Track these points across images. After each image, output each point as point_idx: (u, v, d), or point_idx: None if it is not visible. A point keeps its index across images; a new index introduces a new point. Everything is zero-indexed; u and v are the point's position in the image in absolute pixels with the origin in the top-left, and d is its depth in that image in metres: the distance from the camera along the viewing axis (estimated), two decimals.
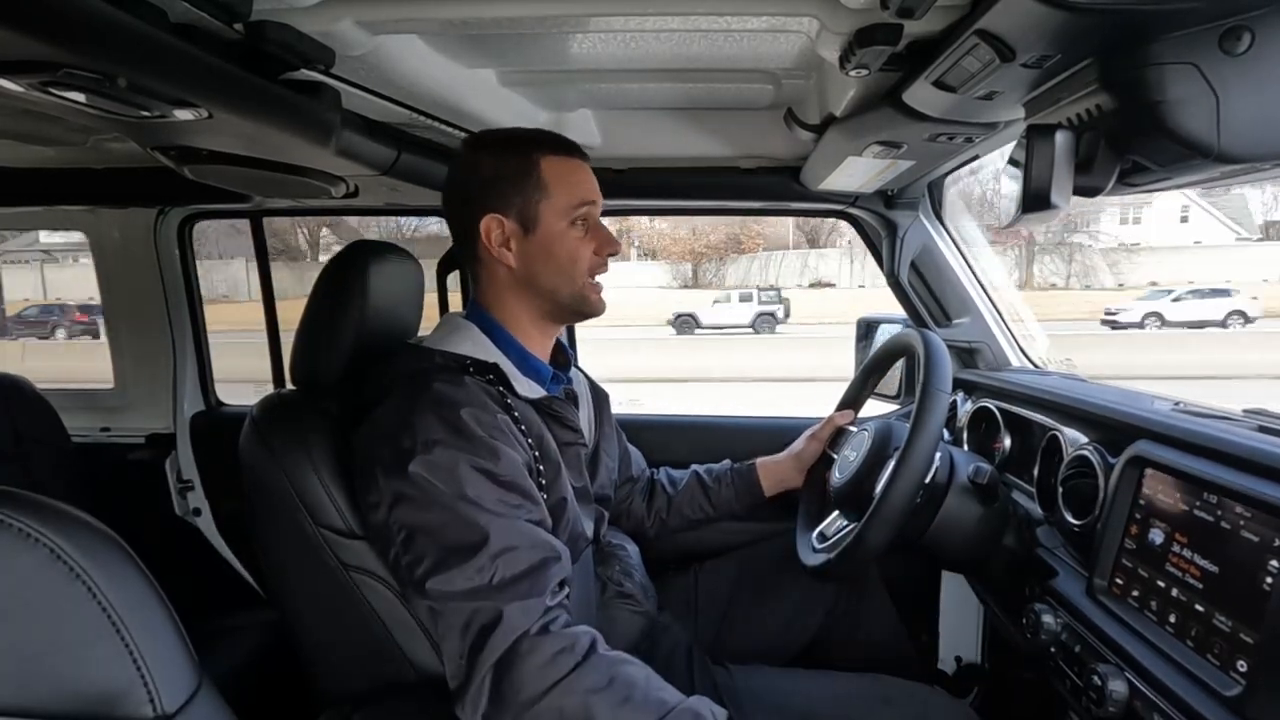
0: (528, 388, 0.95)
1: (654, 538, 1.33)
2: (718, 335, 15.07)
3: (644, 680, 0.75)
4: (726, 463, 1.38)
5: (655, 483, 1.35)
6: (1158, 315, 14.29)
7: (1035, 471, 1.12)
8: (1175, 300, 14.55)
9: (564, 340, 1.09)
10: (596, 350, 2.43)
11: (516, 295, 0.97)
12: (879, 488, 1.03)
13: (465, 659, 0.74)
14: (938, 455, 1.04)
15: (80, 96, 0.69)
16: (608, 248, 0.98)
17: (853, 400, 1.38)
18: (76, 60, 0.60)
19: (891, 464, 1.02)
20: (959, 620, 1.46)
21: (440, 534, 0.78)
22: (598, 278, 0.99)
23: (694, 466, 1.38)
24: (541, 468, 0.89)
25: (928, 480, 1.01)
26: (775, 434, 1.45)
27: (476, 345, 0.94)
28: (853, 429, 1.29)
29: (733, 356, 12.02)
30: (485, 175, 0.94)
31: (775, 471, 1.34)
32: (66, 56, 0.59)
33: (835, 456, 1.25)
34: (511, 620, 0.74)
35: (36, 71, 0.62)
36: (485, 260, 0.96)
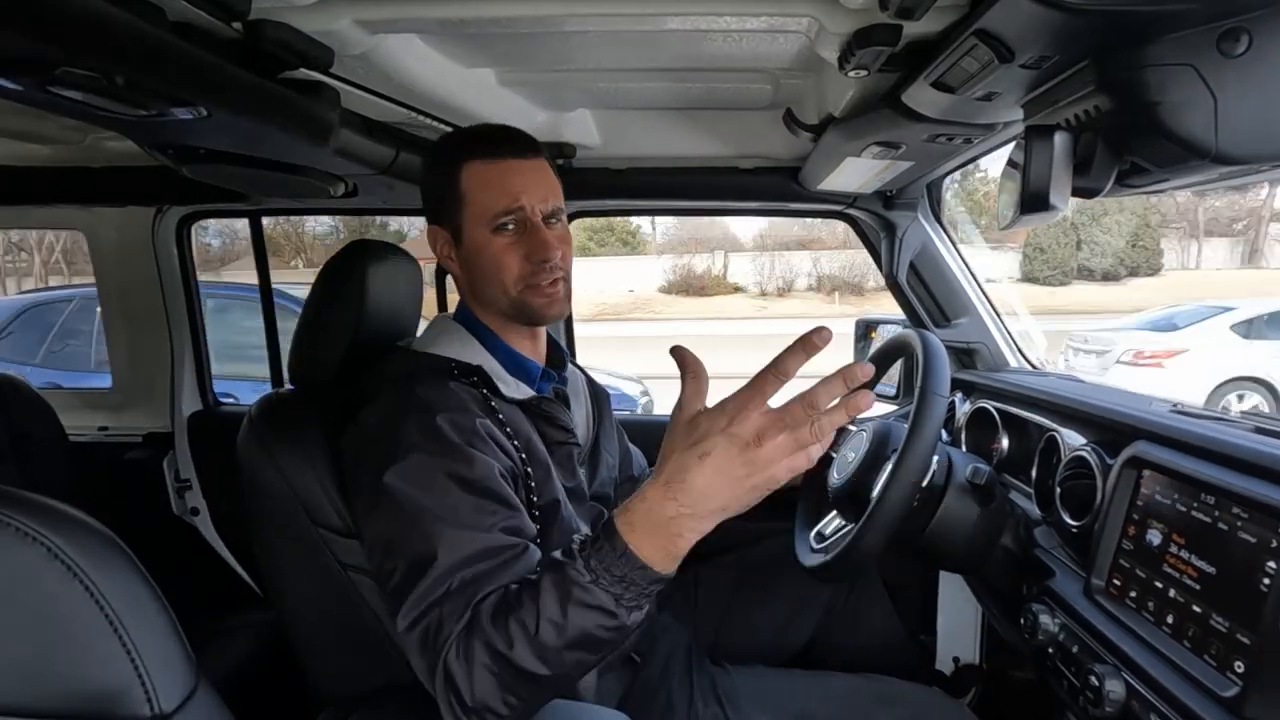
0: (515, 388, 0.94)
1: None
2: None
3: (516, 589, 0.72)
4: None
5: None
6: None
7: (1033, 472, 1.12)
8: None
9: (558, 339, 1.09)
10: None
11: (473, 300, 0.98)
12: (876, 490, 1.03)
13: (429, 676, 0.73)
14: (935, 457, 1.04)
15: (78, 95, 0.68)
16: (536, 253, 0.91)
17: None
18: (74, 59, 0.60)
19: (889, 466, 1.02)
20: (957, 621, 1.46)
21: (409, 545, 0.76)
22: (556, 279, 0.94)
23: None
24: (529, 470, 0.89)
25: (925, 483, 1.01)
26: None
27: (464, 347, 0.94)
28: (852, 428, 1.29)
29: None
30: (425, 186, 0.97)
31: None
32: (64, 55, 0.59)
33: (834, 456, 1.25)
34: (447, 629, 0.72)
35: (34, 70, 0.62)
36: (444, 266, 0.99)
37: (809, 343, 0.62)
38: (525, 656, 0.68)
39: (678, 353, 0.69)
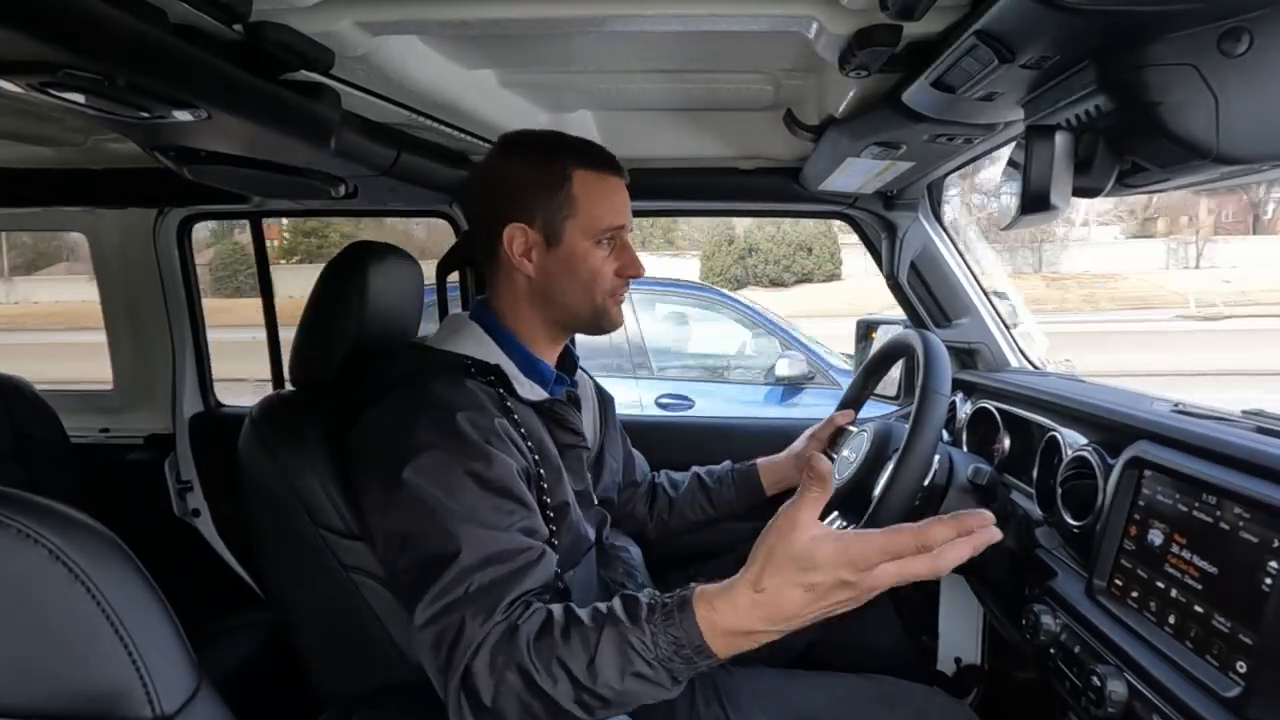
0: (529, 389, 0.94)
1: (655, 540, 1.33)
2: None
3: (562, 619, 0.72)
4: (727, 464, 1.37)
5: (656, 485, 1.35)
6: None
7: (1034, 472, 1.12)
8: None
9: (570, 344, 1.09)
10: None
11: (531, 303, 0.96)
12: (878, 489, 1.03)
13: (441, 675, 0.72)
14: (937, 457, 1.04)
15: (79, 97, 0.68)
16: (629, 270, 0.96)
17: (853, 400, 1.38)
18: (76, 61, 0.60)
19: (891, 465, 1.02)
20: (959, 621, 1.46)
21: (426, 543, 0.76)
22: (625, 293, 0.99)
23: (694, 468, 1.37)
24: (542, 471, 0.89)
25: (926, 482, 1.01)
26: (776, 435, 1.45)
27: (479, 346, 0.93)
28: (852, 429, 1.29)
29: None
30: (514, 181, 0.92)
31: (776, 471, 1.34)
32: (66, 57, 0.59)
33: (835, 457, 1.25)
34: (470, 632, 0.71)
35: (36, 72, 0.62)
36: (503, 265, 0.95)
37: (964, 526, 0.62)
38: (566, 699, 0.68)
39: (815, 462, 0.67)
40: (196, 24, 0.70)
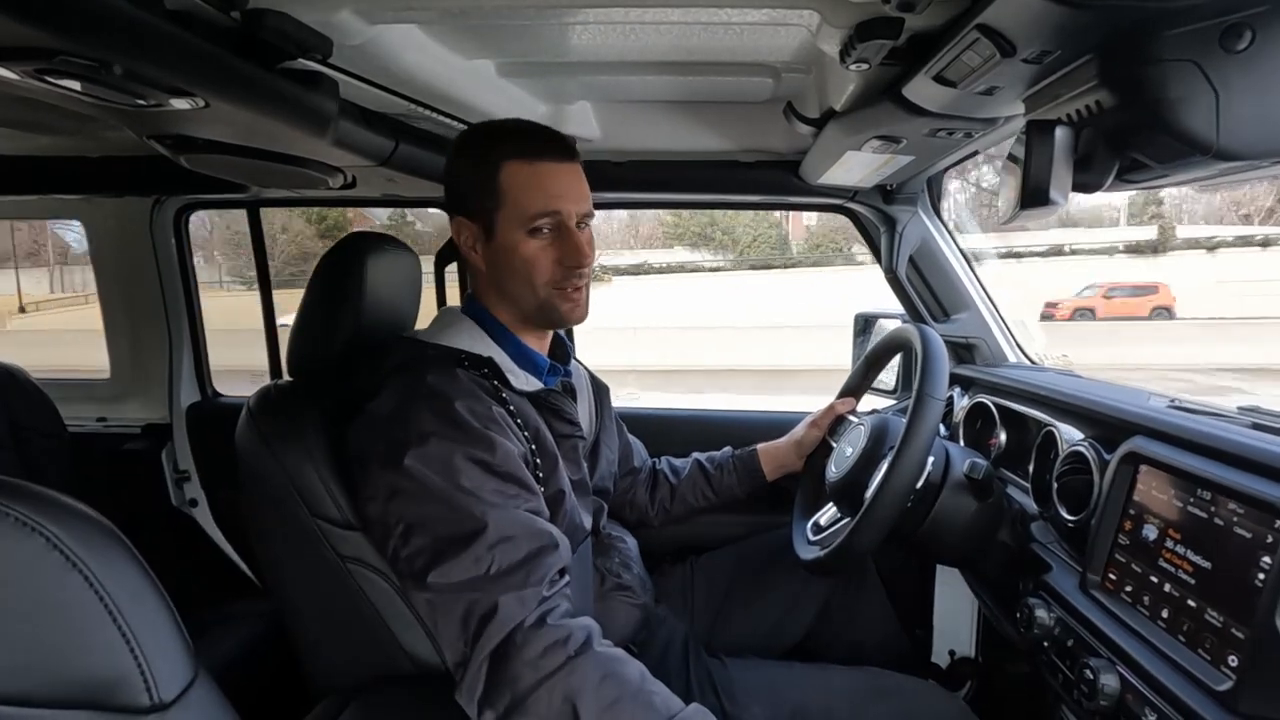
0: (524, 380, 0.95)
1: (658, 526, 1.34)
2: None
3: (638, 680, 0.74)
4: (728, 449, 1.38)
5: (658, 472, 1.35)
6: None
7: (1030, 467, 1.13)
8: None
9: (561, 333, 1.09)
10: None
11: (493, 295, 0.98)
12: (870, 489, 1.03)
13: (465, 646, 0.74)
14: (931, 459, 1.04)
15: (75, 84, 0.68)
16: (570, 259, 0.92)
17: (854, 389, 1.39)
18: (72, 47, 0.60)
19: (885, 464, 1.02)
20: (953, 614, 1.46)
21: (436, 525, 0.78)
22: (581, 285, 0.96)
23: (695, 454, 1.38)
24: (538, 461, 0.89)
25: (920, 484, 1.02)
26: (775, 427, 1.45)
27: (472, 339, 0.94)
28: (853, 418, 1.29)
29: None
30: (455, 178, 0.96)
31: (776, 456, 1.35)
32: (62, 43, 0.59)
33: (834, 445, 1.25)
34: (507, 610, 0.73)
35: (31, 58, 0.61)
36: (466, 258, 0.98)
37: None
38: None
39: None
40: (193, 10, 0.70)
